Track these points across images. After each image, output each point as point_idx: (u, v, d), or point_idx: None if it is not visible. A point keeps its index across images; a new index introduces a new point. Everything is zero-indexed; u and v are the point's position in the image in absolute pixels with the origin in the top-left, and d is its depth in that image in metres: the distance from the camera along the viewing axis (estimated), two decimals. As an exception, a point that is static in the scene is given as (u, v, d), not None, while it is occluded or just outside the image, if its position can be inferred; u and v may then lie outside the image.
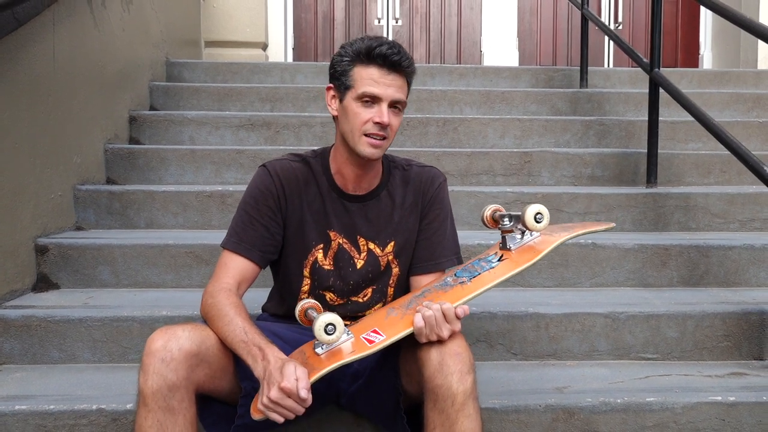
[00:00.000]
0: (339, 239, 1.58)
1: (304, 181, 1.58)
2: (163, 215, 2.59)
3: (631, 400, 1.72)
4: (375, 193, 1.61)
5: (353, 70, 1.49)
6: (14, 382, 1.82)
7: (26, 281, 2.19)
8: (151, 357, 1.32)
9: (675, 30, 5.70)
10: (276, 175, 1.56)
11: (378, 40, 1.49)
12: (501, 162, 2.95)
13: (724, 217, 2.67)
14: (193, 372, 1.35)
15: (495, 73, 4.00)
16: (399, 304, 1.50)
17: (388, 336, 1.37)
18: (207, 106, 3.49)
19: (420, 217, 1.63)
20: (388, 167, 1.64)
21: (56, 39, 2.41)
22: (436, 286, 1.50)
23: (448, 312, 1.36)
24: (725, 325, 2.03)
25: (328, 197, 1.58)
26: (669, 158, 2.98)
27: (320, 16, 5.57)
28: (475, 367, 1.38)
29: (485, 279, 1.44)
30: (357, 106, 1.48)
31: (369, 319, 1.51)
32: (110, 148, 2.87)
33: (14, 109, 2.14)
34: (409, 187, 1.62)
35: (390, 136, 1.52)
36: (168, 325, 1.40)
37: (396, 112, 1.51)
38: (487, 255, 1.55)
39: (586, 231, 1.55)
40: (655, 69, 2.77)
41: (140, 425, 1.33)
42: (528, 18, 5.66)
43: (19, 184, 2.16)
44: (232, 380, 1.46)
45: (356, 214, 1.59)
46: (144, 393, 1.32)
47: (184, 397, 1.33)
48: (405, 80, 1.51)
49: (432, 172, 1.65)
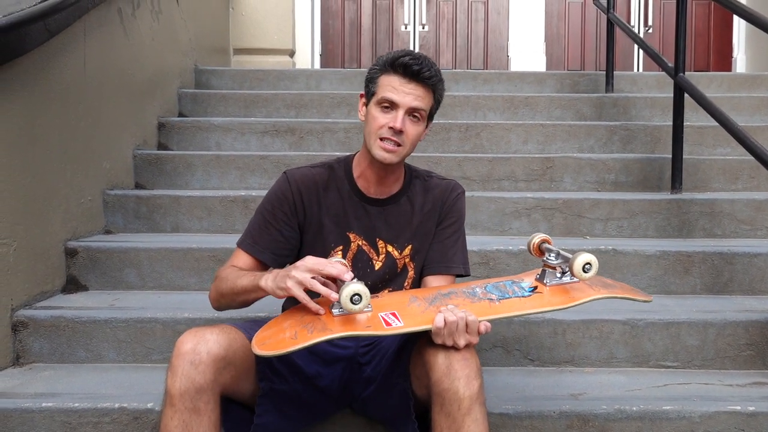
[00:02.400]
0: (358, 241, 1.62)
1: (323, 187, 1.62)
2: (189, 219, 2.65)
3: (648, 408, 1.71)
4: (395, 198, 1.65)
5: (379, 78, 1.56)
6: (42, 380, 1.89)
7: (56, 283, 2.27)
8: (181, 359, 1.36)
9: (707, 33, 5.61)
10: (294, 182, 1.61)
11: (405, 51, 1.56)
12: (523, 167, 2.95)
13: (751, 224, 2.62)
14: (220, 375, 1.39)
15: (520, 78, 4.00)
16: (423, 295, 1.50)
17: (406, 325, 1.37)
18: (233, 113, 3.56)
19: (437, 222, 1.67)
20: (409, 176, 1.69)
21: (87, 49, 2.50)
22: (464, 292, 1.50)
23: (472, 324, 1.36)
24: (748, 334, 1.99)
25: (348, 200, 1.62)
26: (695, 164, 2.94)
27: (347, 23, 5.63)
28: (482, 372, 1.39)
29: (513, 305, 1.45)
30: (376, 111, 1.55)
31: (391, 297, 1.52)
32: (139, 154, 2.95)
33: (46, 116, 2.22)
34: (429, 195, 1.67)
35: (406, 143, 1.56)
36: (197, 328, 1.43)
37: (414, 121, 1.55)
38: (522, 280, 1.54)
39: (625, 296, 1.53)
40: (680, 73, 2.73)
41: (166, 425, 1.37)
42: (555, 22, 5.63)
43: (50, 189, 2.24)
44: (253, 381, 1.50)
45: (376, 217, 1.63)
46: (171, 393, 1.36)
47: (210, 399, 1.37)
48: (426, 90, 1.55)
49: (452, 183, 1.71)
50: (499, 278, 1.58)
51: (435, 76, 1.54)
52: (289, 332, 1.37)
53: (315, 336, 1.33)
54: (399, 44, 5.60)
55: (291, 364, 1.55)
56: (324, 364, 1.61)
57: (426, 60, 1.54)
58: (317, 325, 1.36)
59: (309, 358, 1.59)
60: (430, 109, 1.57)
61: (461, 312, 1.36)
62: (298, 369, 1.56)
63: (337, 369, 1.62)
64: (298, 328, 1.38)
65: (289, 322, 1.41)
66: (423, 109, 1.54)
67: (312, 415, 1.64)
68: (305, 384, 1.57)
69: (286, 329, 1.39)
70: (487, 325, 1.38)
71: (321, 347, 1.60)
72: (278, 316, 1.48)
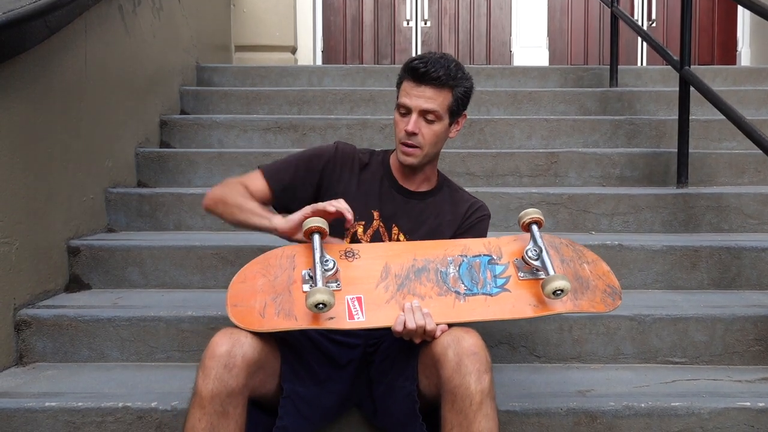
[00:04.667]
0: (379, 221, 1.65)
1: (361, 166, 1.69)
2: (191, 217, 2.64)
3: (656, 404, 1.69)
4: (423, 195, 1.69)
5: (401, 85, 1.62)
6: (45, 380, 1.88)
7: (59, 282, 2.26)
8: (214, 361, 1.34)
9: (711, 26, 5.57)
10: (340, 150, 1.69)
11: (420, 55, 1.60)
12: (527, 163, 2.93)
13: (758, 218, 2.59)
14: (251, 379, 1.38)
15: (523, 73, 3.97)
16: (399, 266, 1.50)
17: (368, 320, 1.42)
18: (236, 110, 3.54)
19: (452, 234, 1.67)
20: (441, 183, 1.73)
21: (88, 46, 2.48)
22: (438, 270, 1.49)
23: (430, 332, 1.40)
24: (757, 329, 1.97)
25: (380, 183, 1.68)
26: (701, 158, 2.92)
27: (349, 19, 5.60)
28: (491, 366, 1.38)
29: (475, 309, 1.45)
30: (397, 116, 1.62)
31: (372, 251, 1.53)
32: (141, 152, 2.93)
33: (47, 114, 2.21)
34: (454, 207, 1.70)
35: (424, 145, 1.59)
36: (231, 329, 1.41)
37: (429, 122, 1.58)
38: (499, 259, 1.53)
39: (591, 311, 1.52)
40: (686, 66, 2.71)
41: (193, 425, 1.35)
42: (558, 17, 5.59)
43: (52, 188, 2.23)
44: (277, 383, 1.50)
45: (400, 206, 1.66)
46: (202, 395, 1.34)
47: (239, 403, 1.36)
48: (437, 91, 1.56)
49: (480, 203, 1.73)
50: (481, 247, 1.55)
51: (446, 75, 1.56)
52: (260, 301, 1.42)
53: (279, 323, 1.39)
54: (401, 40, 5.57)
55: (308, 367, 1.55)
56: (336, 367, 1.61)
57: (437, 61, 1.56)
58: (285, 304, 1.40)
59: (321, 360, 1.59)
60: (448, 108, 1.59)
61: (420, 318, 1.38)
62: (314, 372, 1.56)
63: (349, 371, 1.62)
64: (268, 298, 1.42)
65: (261, 283, 1.44)
66: (435, 109, 1.57)
67: (326, 417, 1.63)
68: (320, 387, 1.57)
69: (257, 293, 1.43)
70: (444, 328, 1.41)
71: (331, 349, 1.59)
72: (256, 261, 1.49)
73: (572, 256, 1.55)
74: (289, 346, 1.54)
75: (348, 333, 1.60)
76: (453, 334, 1.40)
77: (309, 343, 1.59)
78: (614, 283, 1.55)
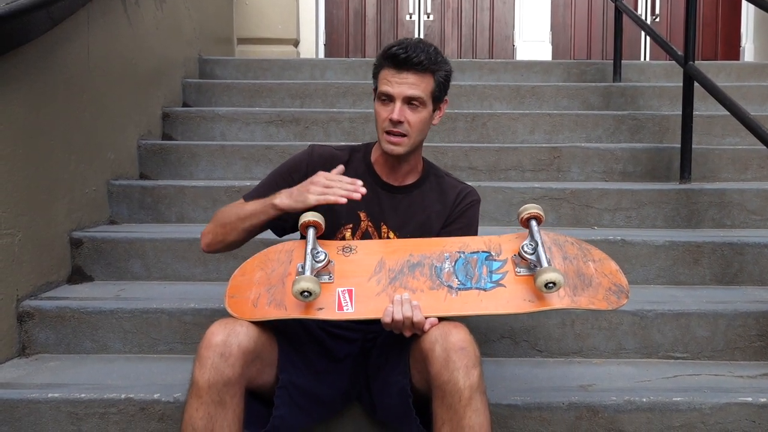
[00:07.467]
0: (367, 222, 1.63)
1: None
2: (194, 210, 2.64)
3: (658, 399, 1.69)
4: (408, 189, 1.66)
5: (379, 73, 1.57)
6: (48, 371, 1.88)
7: (61, 273, 2.26)
8: (210, 351, 1.35)
9: (715, 21, 5.55)
10: (315, 155, 1.65)
11: (397, 41, 1.56)
12: (530, 157, 2.92)
13: (761, 214, 2.59)
14: (248, 368, 1.38)
15: (526, 67, 3.96)
16: (393, 261, 1.49)
17: (357, 312, 1.42)
18: (238, 103, 3.53)
19: (443, 224, 1.65)
20: (427, 171, 1.69)
21: (90, 38, 2.47)
22: (433, 266, 1.48)
23: (418, 324, 1.39)
24: (759, 325, 1.97)
25: (364, 182, 1.60)
26: (704, 153, 2.91)
27: (351, 12, 5.58)
28: (480, 361, 1.37)
29: (467, 304, 1.44)
30: (378, 106, 1.57)
31: (367, 247, 1.54)
32: (143, 144, 2.93)
33: (50, 106, 2.20)
34: (442, 195, 1.67)
35: (410, 132, 1.55)
36: (226, 319, 1.42)
37: (414, 109, 1.55)
38: (497, 255, 1.51)
39: (590, 308, 1.49)
40: (690, 62, 2.70)
41: (191, 416, 1.35)
42: (562, 11, 5.58)
43: (54, 180, 2.23)
44: (274, 373, 1.50)
45: (386, 203, 1.63)
46: (199, 385, 1.34)
47: (236, 393, 1.36)
48: (420, 76, 1.53)
49: (467, 189, 1.69)
50: (481, 244, 1.54)
51: (427, 60, 1.52)
52: (254, 292, 1.44)
53: (269, 312, 1.41)
54: (404, 34, 5.55)
55: (306, 359, 1.55)
56: (333, 360, 1.61)
57: (416, 45, 1.52)
58: (277, 294, 1.42)
59: (319, 353, 1.58)
60: (431, 93, 1.55)
61: (408, 310, 1.37)
62: (311, 364, 1.56)
63: (346, 365, 1.62)
64: (263, 289, 1.44)
65: (259, 276, 1.47)
66: (419, 95, 1.53)
67: (326, 410, 1.63)
68: (317, 379, 1.56)
69: (254, 284, 1.45)
70: (433, 321, 1.40)
71: (329, 343, 1.59)
72: (257, 256, 1.51)
73: (576, 254, 1.54)
74: (287, 337, 1.54)
75: (346, 327, 1.60)
76: (441, 328, 1.38)
77: (307, 336, 1.59)
78: (621, 281, 1.51)
